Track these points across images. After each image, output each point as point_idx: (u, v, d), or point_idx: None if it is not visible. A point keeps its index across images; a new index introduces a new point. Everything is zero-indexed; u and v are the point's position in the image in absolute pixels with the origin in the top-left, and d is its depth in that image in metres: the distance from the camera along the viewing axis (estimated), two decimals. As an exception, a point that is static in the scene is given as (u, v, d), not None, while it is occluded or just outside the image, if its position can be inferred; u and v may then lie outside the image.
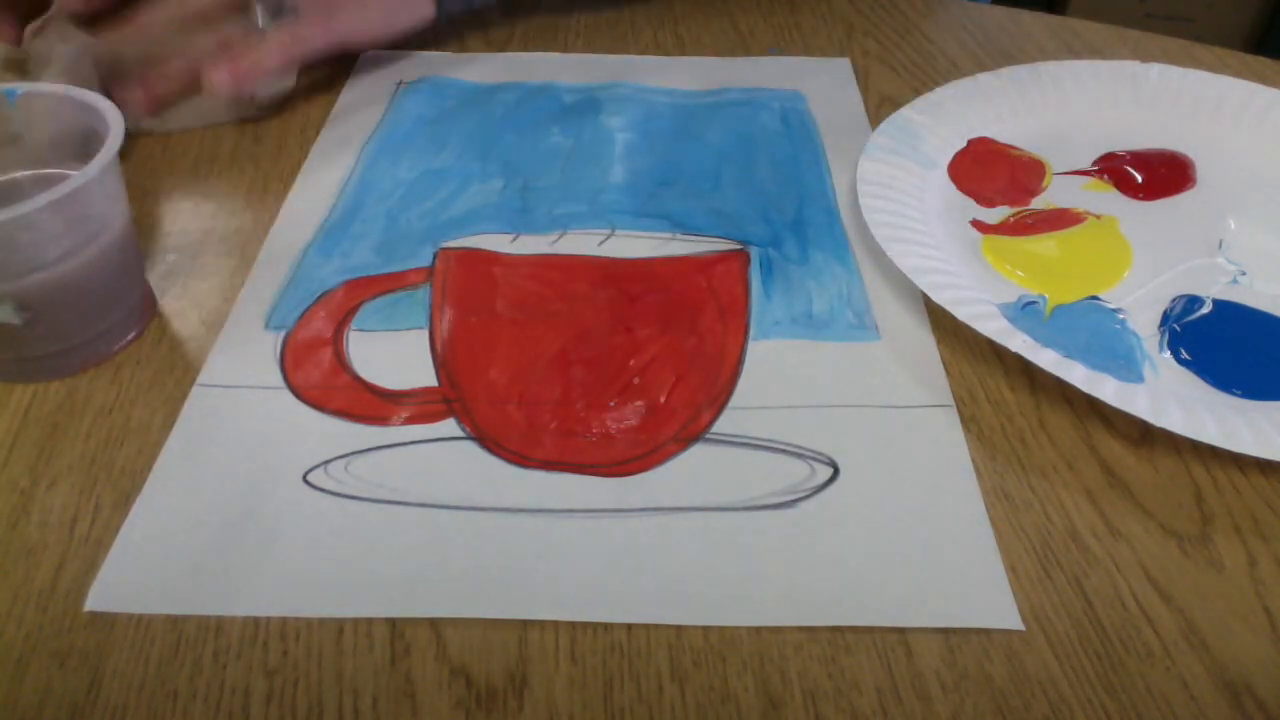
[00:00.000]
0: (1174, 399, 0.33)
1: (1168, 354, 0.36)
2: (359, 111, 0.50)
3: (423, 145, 0.47)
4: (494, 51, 0.55)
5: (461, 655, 0.27)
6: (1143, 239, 0.41)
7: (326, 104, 0.50)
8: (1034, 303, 0.38)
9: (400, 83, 0.52)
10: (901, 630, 0.28)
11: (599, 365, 0.36)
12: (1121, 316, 0.37)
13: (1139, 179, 0.45)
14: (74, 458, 0.33)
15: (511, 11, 0.59)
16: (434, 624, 0.28)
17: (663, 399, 0.34)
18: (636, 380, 0.35)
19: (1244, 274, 0.39)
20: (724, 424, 0.34)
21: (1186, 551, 0.30)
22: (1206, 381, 0.35)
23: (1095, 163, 0.46)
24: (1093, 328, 0.37)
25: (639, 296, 0.38)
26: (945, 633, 0.28)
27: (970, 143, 0.47)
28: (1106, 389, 0.33)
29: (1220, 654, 0.28)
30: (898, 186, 0.43)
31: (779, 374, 0.36)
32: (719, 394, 0.35)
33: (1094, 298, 0.38)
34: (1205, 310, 0.38)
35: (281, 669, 0.27)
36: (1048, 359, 0.34)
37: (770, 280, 0.39)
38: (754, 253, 0.41)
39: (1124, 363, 0.35)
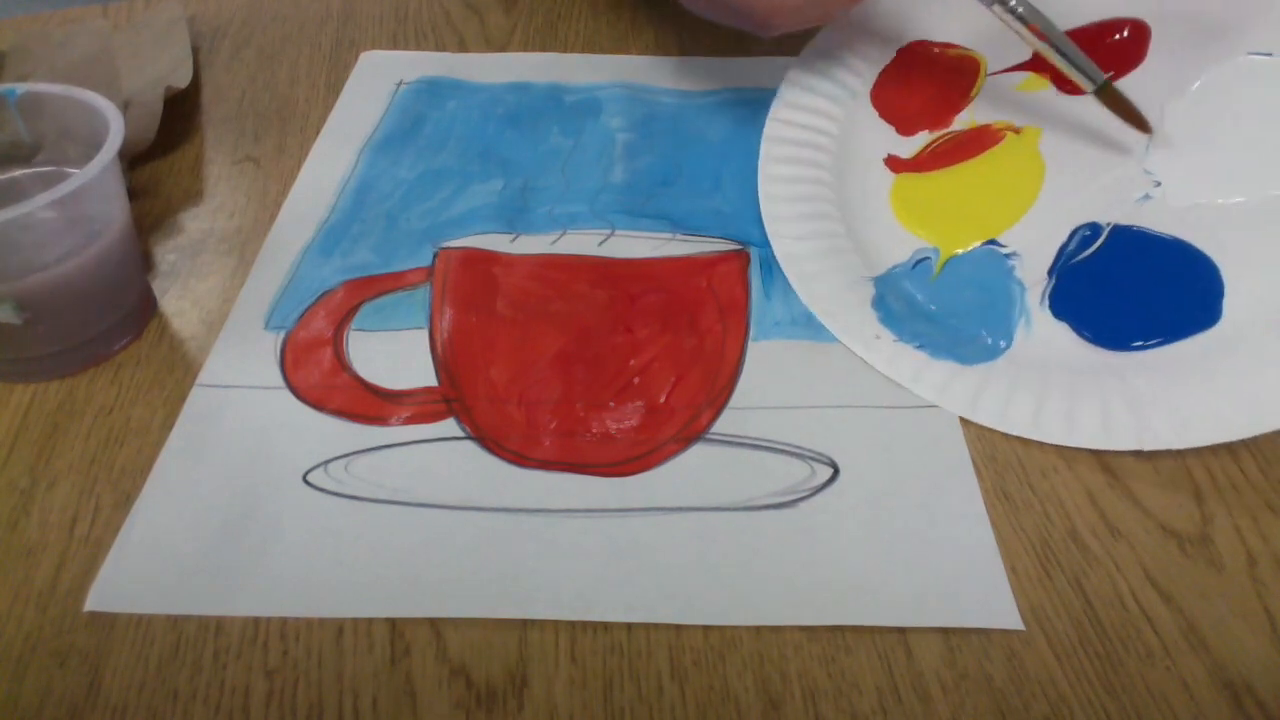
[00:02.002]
0: (1031, 384, 0.34)
1: (1047, 309, 0.35)
2: (359, 111, 0.49)
3: (423, 145, 0.47)
4: (494, 51, 0.55)
5: (461, 655, 0.27)
6: (1063, 150, 0.38)
7: (326, 104, 0.50)
8: (926, 258, 0.37)
9: (400, 83, 0.52)
10: (901, 630, 0.28)
11: (599, 365, 0.36)
12: (1012, 264, 0.36)
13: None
14: (74, 458, 0.33)
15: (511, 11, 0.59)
16: (434, 624, 0.28)
17: (662, 399, 0.34)
18: (636, 380, 0.35)
19: (1158, 185, 0.36)
20: (724, 424, 0.34)
21: (1186, 551, 0.30)
22: (1086, 339, 0.34)
23: (1034, 53, 0.40)
24: (977, 283, 0.36)
25: (639, 296, 0.38)
26: (945, 633, 0.28)
27: (899, 53, 0.43)
28: (954, 398, 0.34)
29: (1220, 654, 0.28)
30: (805, 142, 0.41)
31: (779, 374, 0.36)
32: (719, 394, 0.35)
33: (991, 241, 0.37)
34: (1099, 244, 0.35)
35: (281, 669, 0.27)
36: (899, 363, 0.35)
37: (770, 280, 0.39)
38: (754, 253, 0.41)
39: (998, 325, 0.35)
